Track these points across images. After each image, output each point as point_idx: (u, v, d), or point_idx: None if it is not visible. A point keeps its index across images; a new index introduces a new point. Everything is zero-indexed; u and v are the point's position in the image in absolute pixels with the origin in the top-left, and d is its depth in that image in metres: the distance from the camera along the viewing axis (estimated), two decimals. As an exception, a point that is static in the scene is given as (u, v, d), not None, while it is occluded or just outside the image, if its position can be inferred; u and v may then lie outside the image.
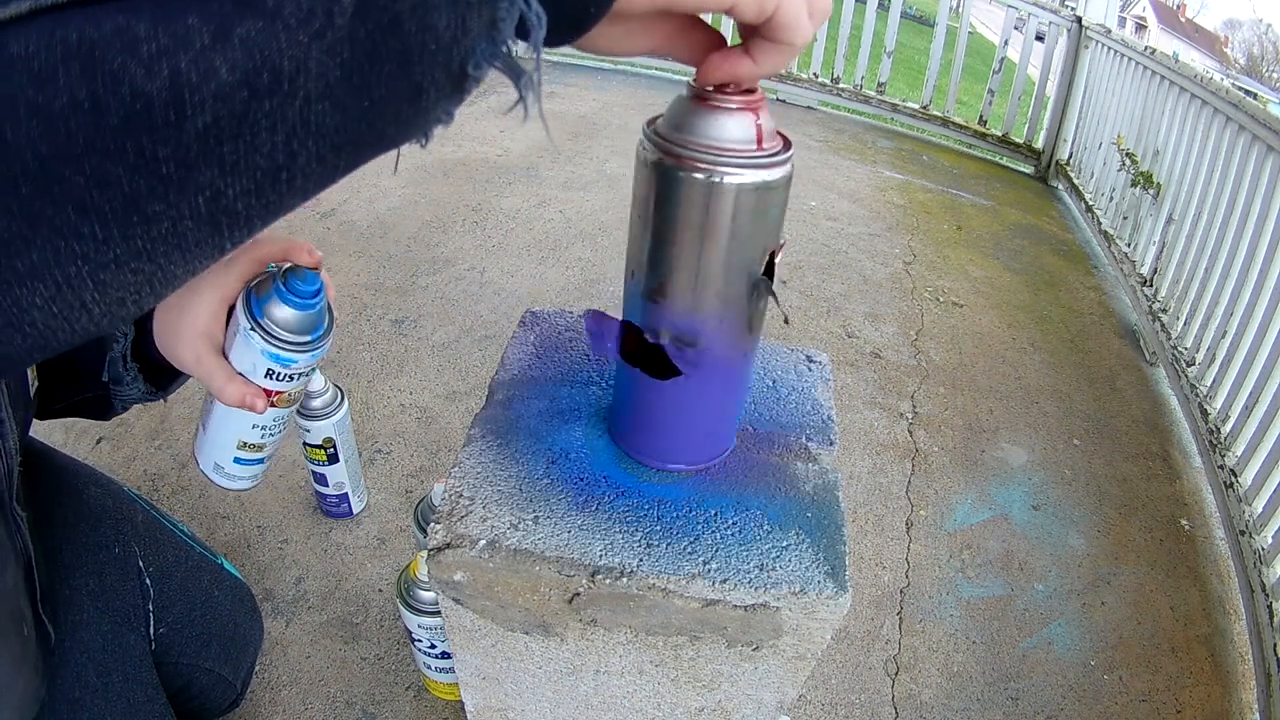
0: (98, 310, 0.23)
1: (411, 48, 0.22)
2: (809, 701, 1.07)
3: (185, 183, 0.21)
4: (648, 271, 0.46)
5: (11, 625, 0.56)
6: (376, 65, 0.22)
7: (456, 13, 0.22)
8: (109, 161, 0.20)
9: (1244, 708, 1.17)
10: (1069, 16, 3.07)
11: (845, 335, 1.91)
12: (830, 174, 2.92)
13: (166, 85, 0.19)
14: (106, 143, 0.20)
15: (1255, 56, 28.61)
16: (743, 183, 0.41)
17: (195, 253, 0.24)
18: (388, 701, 1.00)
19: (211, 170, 0.21)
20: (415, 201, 2.27)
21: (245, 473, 0.64)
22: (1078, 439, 1.68)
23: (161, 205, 0.21)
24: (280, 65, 0.20)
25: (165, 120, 0.20)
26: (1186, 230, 1.99)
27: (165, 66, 0.19)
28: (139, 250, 0.22)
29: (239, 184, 0.22)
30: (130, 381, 0.60)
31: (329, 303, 0.54)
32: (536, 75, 0.26)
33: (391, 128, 0.25)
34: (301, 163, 0.23)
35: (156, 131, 0.20)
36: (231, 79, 0.20)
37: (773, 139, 0.42)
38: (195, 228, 0.23)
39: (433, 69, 0.23)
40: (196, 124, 0.20)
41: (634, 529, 0.50)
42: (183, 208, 0.22)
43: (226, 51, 0.20)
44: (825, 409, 0.63)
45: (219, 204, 0.22)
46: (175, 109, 0.20)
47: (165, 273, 0.24)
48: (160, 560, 0.79)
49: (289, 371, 0.54)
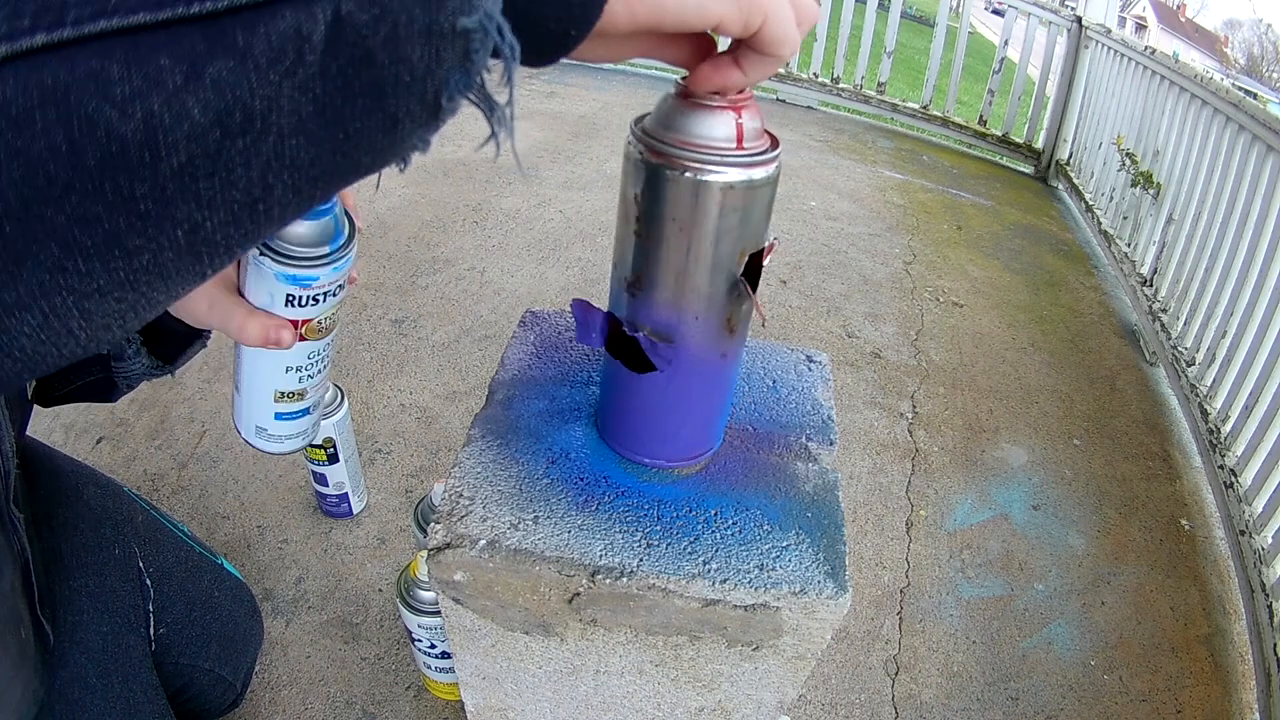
0: (84, 335, 0.24)
1: (385, 80, 0.23)
2: (809, 701, 1.07)
3: (163, 218, 0.22)
4: (626, 263, 0.46)
5: (9, 628, 0.56)
6: (350, 99, 0.22)
7: (430, 45, 0.23)
8: (88, 201, 0.20)
9: (1244, 708, 1.17)
10: (1069, 16, 3.07)
11: (845, 335, 1.91)
12: (830, 174, 2.92)
13: (140, 127, 0.20)
14: (85, 183, 0.20)
15: (1255, 56, 28.61)
16: (717, 180, 0.41)
17: (177, 279, 0.24)
18: (388, 701, 1.00)
19: (189, 205, 0.22)
20: (415, 201, 2.27)
21: (290, 429, 0.57)
22: (1078, 439, 1.68)
23: (141, 240, 0.22)
24: (252, 104, 0.21)
25: (141, 160, 0.20)
26: (1186, 230, 1.99)
27: (139, 108, 0.20)
28: (122, 281, 0.23)
29: (216, 217, 0.23)
30: (133, 355, 0.58)
31: (345, 209, 0.49)
32: (510, 109, 0.27)
33: (367, 157, 0.25)
34: (278, 195, 0.23)
35: (133, 171, 0.20)
36: (204, 119, 0.20)
37: (756, 139, 0.42)
38: (176, 258, 0.23)
39: (407, 100, 0.24)
40: (171, 163, 0.21)
41: (634, 529, 0.50)
42: (162, 241, 0.22)
43: (199, 92, 0.20)
44: (825, 409, 0.63)
45: (198, 235, 0.23)
46: (150, 150, 0.20)
47: (148, 299, 0.24)
48: (160, 560, 0.80)
49: (310, 292, 0.47)
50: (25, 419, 0.65)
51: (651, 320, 0.47)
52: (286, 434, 0.57)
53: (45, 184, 0.20)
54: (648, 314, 0.47)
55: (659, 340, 0.47)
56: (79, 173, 0.20)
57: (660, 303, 0.46)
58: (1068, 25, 3.07)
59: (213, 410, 1.42)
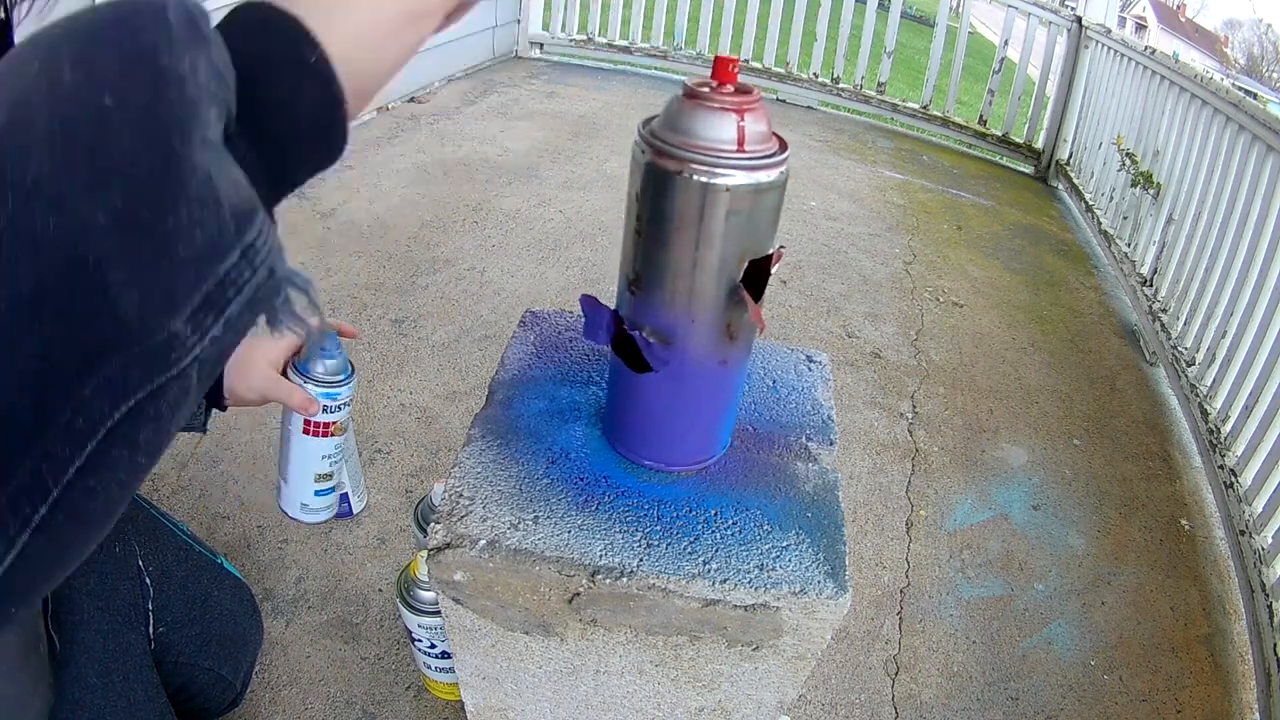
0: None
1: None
2: (809, 701, 1.07)
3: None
4: (628, 262, 0.47)
5: (31, 646, 0.57)
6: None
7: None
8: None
9: (1244, 708, 1.17)
10: (1069, 16, 3.07)
11: (845, 335, 1.91)
12: (830, 174, 2.92)
13: None
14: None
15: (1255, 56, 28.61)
16: (715, 182, 0.41)
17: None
18: (388, 701, 1.00)
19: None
20: (415, 201, 2.27)
21: (324, 503, 0.84)
22: (1078, 439, 1.68)
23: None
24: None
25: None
26: (1186, 230, 1.99)
27: None
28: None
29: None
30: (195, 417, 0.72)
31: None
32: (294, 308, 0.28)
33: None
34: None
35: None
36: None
37: (761, 142, 0.42)
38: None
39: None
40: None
41: (634, 529, 0.50)
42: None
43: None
44: (825, 409, 0.63)
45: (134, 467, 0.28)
46: None
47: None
48: (160, 560, 0.79)
49: (337, 403, 0.76)
50: None
51: (651, 320, 0.47)
52: (321, 507, 0.84)
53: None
54: (647, 314, 0.47)
55: (657, 341, 0.47)
56: None
57: (659, 303, 0.46)
58: (1068, 25, 3.07)
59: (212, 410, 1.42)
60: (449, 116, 2.96)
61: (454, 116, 2.97)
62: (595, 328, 0.51)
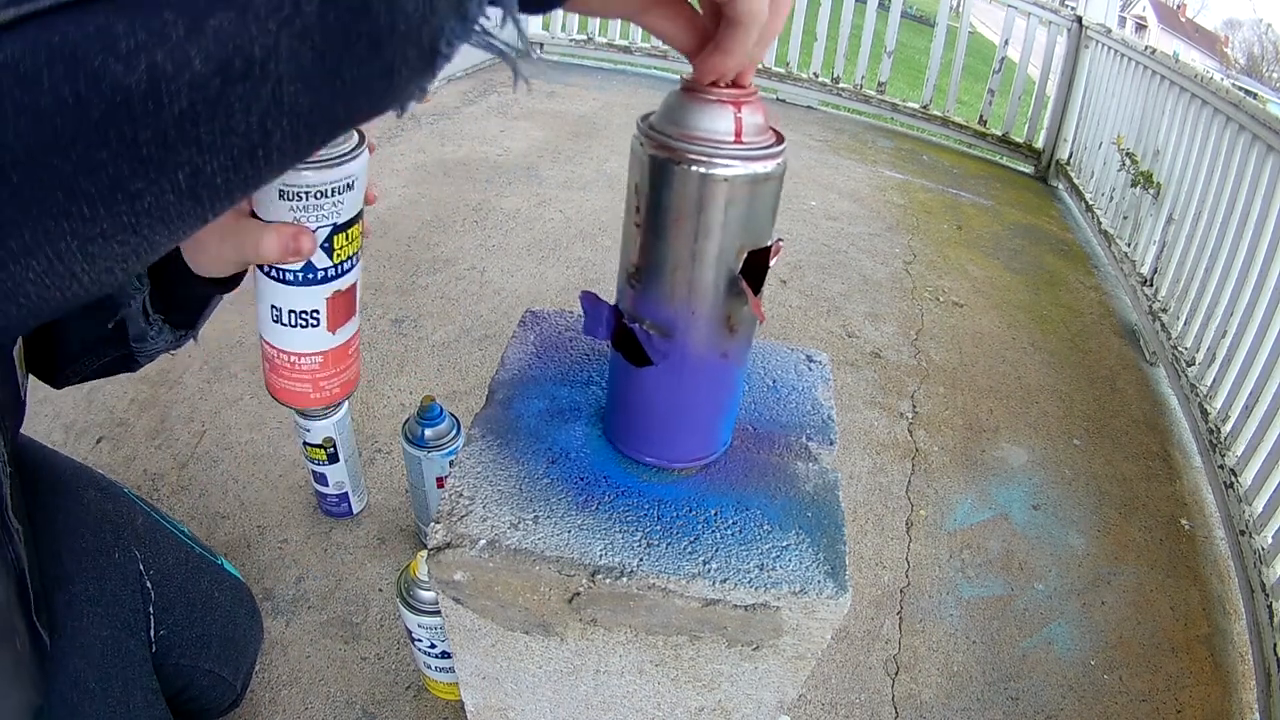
0: (87, 279, 0.25)
1: (381, 29, 0.23)
2: (809, 701, 1.07)
3: (165, 163, 0.22)
4: (628, 255, 0.47)
5: (4, 640, 0.56)
6: (347, 48, 0.23)
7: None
8: (93, 149, 0.21)
9: (1244, 708, 1.17)
10: (1069, 16, 3.07)
11: (845, 335, 1.91)
12: (830, 174, 2.92)
13: (144, 78, 0.21)
14: (90, 134, 0.21)
15: (1255, 56, 28.60)
16: (714, 173, 0.41)
17: (178, 223, 0.25)
18: (388, 701, 1.00)
19: (190, 150, 0.22)
20: (415, 201, 2.27)
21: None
22: (1078, 439, 1.68)
23: (143, 184, 0.23)
24: (251, 53, 0.21)
25: (144, 110, 0.21)
26: (1186, 230, 1.99)
27: (143, 61, 0.20)
28: (125, 224, 0.24)
29: (216, 161, 0.23)
30: (155, 336, 0.59)
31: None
32: (519, 47, 0.27)
33: (365, 104, 0.25)
34: (276, 140, 0.24)
35: (136, 120, 0.21)
36: (205, 69, 0.21)
37: (758, 134, 0.42)
38: (177, 201, 0.24)
39: (404, 48, 0.24)
40: (173, 110, 0.21)
41: (634, 528, 0.50)
42: (164, 184, 0.23)
43: (200, 43, 0.21)
44: (825, 408, 0.63)
45: (198, 180, 0.23)
46: (153, 99, 0.21)
47: (150, 243, 0.25)
48: (160, 563, 0.79)
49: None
50: (18, 425, 0.64)
51: (651, 314, 0.47)
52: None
53: (52, 136, 0.20)
54: (647, 307, 0.47)
55: (658, 334, 0.47)
56: (85, 124, 0.21)
57: (659, 296, 0.46)
58: (1068, 25, 3.07)
59: (213, 410, 1.42)
60: (449, 116, 2.96)
61: (454, 116, 2.97)
62: (595, 323, 0.52)
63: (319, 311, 0.48)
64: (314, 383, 0.50)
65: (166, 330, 0.59)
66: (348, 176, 0.45)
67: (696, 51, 0.39)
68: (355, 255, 0.49)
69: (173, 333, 0.59)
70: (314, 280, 0.47)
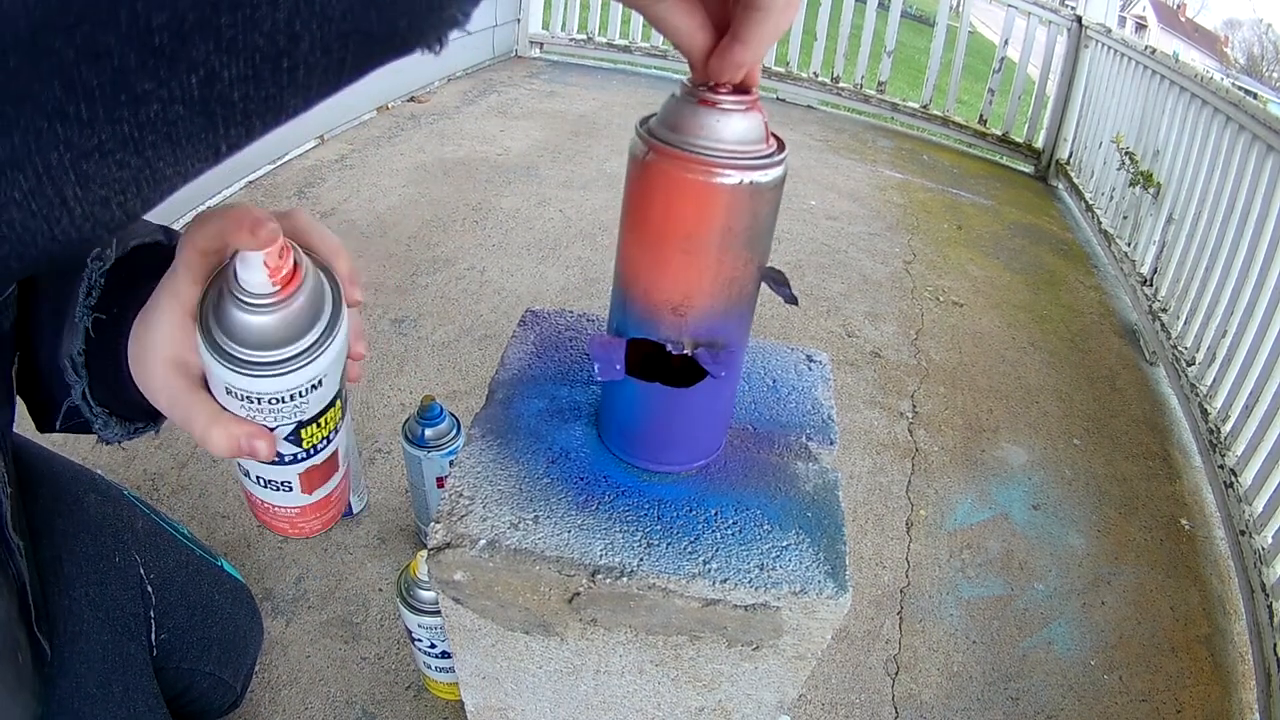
0: (79, 210, 0.22)
1: None
2: (809, 701, 1.07)
3: (178, 57, 0.20)
4: (670, 284, 0.44)
5: (5, 655, 0.56)
6: None
7: None
8: (100, 30, 0.19)
9: (1244, 708, 1.17)
10: (1069, 16, 3.07)
11: (845, 335, 1.91)
12: (830, 173, 2.92)
13: None
14: (100, 10, 0.19)
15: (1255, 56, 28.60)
16: (761, 181, 0.42)
17: (186, 148, 0.22)
18: (388, 701, 1.00)
19: (207, 45, 0.20)
20: (415, 201, 2.27)
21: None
22: (1078, 439, 1.68)
23: (152, 83, 0.20)
24: None
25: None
26: (1186, 230, 1.99)
27: None
28: (125, 137, 0.21)
29: (236, 66, 0.21)
30: (103, 427, 0.50)
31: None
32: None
33: (403, 20, 0.23)
34: (304, 49, 0.21)
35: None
36: None
37: (766, 139, 0.43)
38: (188, 115, 0.21)
39: None
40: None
41: (634, 528, 0.50)
42: (174, 88, 0.20)
43: None
44: (825, 408, 0.62)
45: (213, 88, 0.21)
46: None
47: (153, 169, 0.22)
48: (161, 566, 0.79)
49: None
50: (8, 440, 0.63)
51: (706, 333, 0.46)
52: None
53: (58, 9, 0.18)
54: (701, 328, 0.46)
55: (712, 351, 0.47)
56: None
57: (713, 313, 0.46)
58: (1068, 25, 3.07)
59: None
60: (449, 116, 2.96)
61: (454, 116, 2.97)
62: (610, 365, 0.48)
63: (290, 483, 0.42)
64: (291, 524, 0.46)
65: (114, 423, 0.50)
66: (313, 378, 0.36)
67: (705, 50, 0.38)
68: (332, 434, 0.41)
69: (123, 426, 0.51)
70: (281, 463, 0.40)
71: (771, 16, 0.35)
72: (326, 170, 2.37)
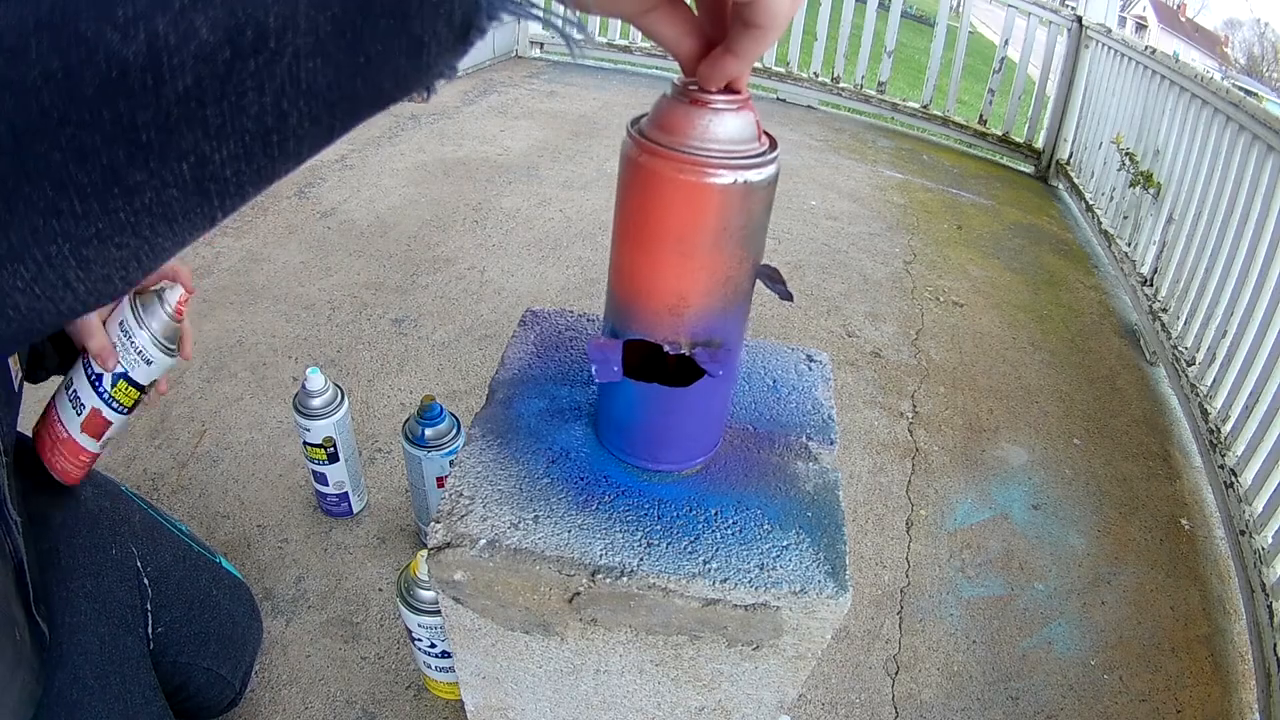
0: (83, 289, 0.22)
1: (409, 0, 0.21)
2: (809, 701, 1.07)
3: (167, 149, 0.20)
4: (668, 285, 0.45)
5: (3, 630, 0.56)
6: (371, 19, 0.21)
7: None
8: (85, 132, 0.19)
9: (1244, 708, 1.17)
10: (1069, 16, 3.07)
11: (845, 335, 1.91)
12: (830, 173, 2.92)
13: (144, 49, 0.18)
14: (82, 114, 0.19)
15: (1255, 56, 28.59)
16: (755, 180, 0.42)
17: (184, 224, 0.23)
18: (388, 701, 1.00)
19: (195, 135, 0.20)
20: (415, 201, 2.27)
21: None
22: (1078, 439, 1.68)
23: (143, 174, 0.20)
24: (265, 22, 0.19)
25: (143, 85, 0.19)
26: (1187, 230, 1.99)
27: (142, 30, 0.18)
28: (122, 224, 0.21)
29: (226, 148, 0.21)
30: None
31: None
32: (569, 17, 0.26)
33: (390, 83, 0.23)
34: (293, 124, 0.22)
35: (134, 98, 0.19)
36: (213, 38, 0.19)
37: (759, 137, 0.44)
38: (182, 197, 0.21)
39: (433, 22, 0.22)
40: (176, 87, 0.19)
41: (634, 528, 0.50)
42: (166, 176, 0.21)
43: (207, 10, 0.18)
44: (825, 408, 0.62)
45: (205, 170, 0.21)
46: (153, 73, 0.19)
47: (152, 245, 0.23)
48: (158, 560, 0.79)
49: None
50: (14, 417, 0.64)
51: (704, 333, 0.46)
52: None
53: (39, 116, 0.18)
54: (700, 327, 0.46)
55: (710, 350, 0.47)
56: (75, 102, 0.18)
57: (711, 313, 0.45)
58: (1068, 25, 3.07)
59: (213, 410, 1.42)
60: (449, 116, 2.96)
61: (454, 116, 2.97)
62: (608, 366, 0.49)
63: (83, 408, 0.68)
64: (54, 449, 0.70)
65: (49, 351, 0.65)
66: (149, 357, 0.69)
67: (696, 57, 0.38)
68: (122, 409, 0.69)
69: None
70: (95, 387, 0.68)
71: (769, 35, 0.35)
72: (327, 170, 2.37)
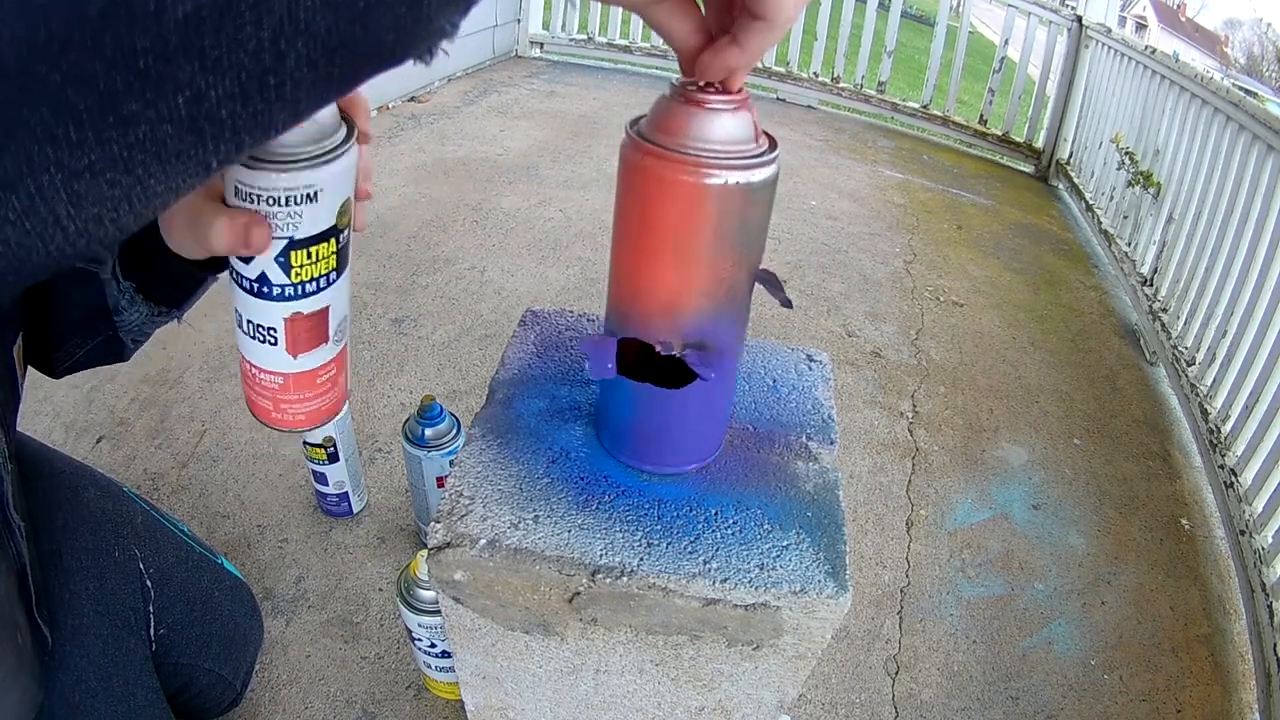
0: (73, 228, 0.22)
1: None
2: (809, 701, 1.07)
3: (164, 79, 0.20)
4: (662, 286, 0.45)
5: (5, 634, 0.56)
6: None
7: None
8: (86, 57, 0.19)
9: (1244, 708, 1.17)
10: (1069, 16, 3.07)
11: (845, 334, 1.91)
12: (830, 173, 2.92)
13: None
14: (85, 37, 0.19)
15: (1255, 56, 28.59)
16: (753, 181, 0.41)
17: (176, 165, 0.23)
18: (388, 701, 1.00)
19: (192, 66, 0.20)
20: (415, 200, 2.27)
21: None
22: (1078, 438, 1.68)
23: (139, 104, 0.20)
24: None
25: (145, 10, 0.19)
26: (1186, 230, 1.99)
27: None
28: (115, 157, 0.21)
29: (222, 85, 0.21)
30: (128, 306, 0.55)
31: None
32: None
33: (390, 35, 0.23)
34: (290, 66, 0.22)
35: (136, 23, 0.19)
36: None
37: (758, 137, 0.43)
38: (175, 134, 0.22)
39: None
40: (177, 13, 0.19)
41: (634, 528, 0.50)
42: (161, 109, 0.21)
43: None
44: (825, 408, 0.62)
45: (200, 107, 0.21)
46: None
47: (144, 187, 0.23)
48: (160, 561, 0.79)
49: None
50: (13, 418, 0.64)
51: (698, 334, 0.46)
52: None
53: (45, 38, 0.18)
54: (693, 329, 0.46)
55: (702, 352, 0.46)
56: (80, 25, 0.19)
57: (704, 314, 0.45)
58: (1068, 25, 3.07)
59: (213, 410, 1.42)
60: (449, 116, 2.96)
61: (454, 116, 2.97)
62: (602, 364, 0.48)
63: (275, 330, 0.43)
64: (274, 402, 0.46)
65: (141, 302, 0.56)
66: (308, 186, 0.39)
67: (698, 51, 0.38)
68: (324, 278, 0.43)
69: (148, 305, 0.57)
70: (268, 296, 0.42)
71: (775, 30, 0.36)
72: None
